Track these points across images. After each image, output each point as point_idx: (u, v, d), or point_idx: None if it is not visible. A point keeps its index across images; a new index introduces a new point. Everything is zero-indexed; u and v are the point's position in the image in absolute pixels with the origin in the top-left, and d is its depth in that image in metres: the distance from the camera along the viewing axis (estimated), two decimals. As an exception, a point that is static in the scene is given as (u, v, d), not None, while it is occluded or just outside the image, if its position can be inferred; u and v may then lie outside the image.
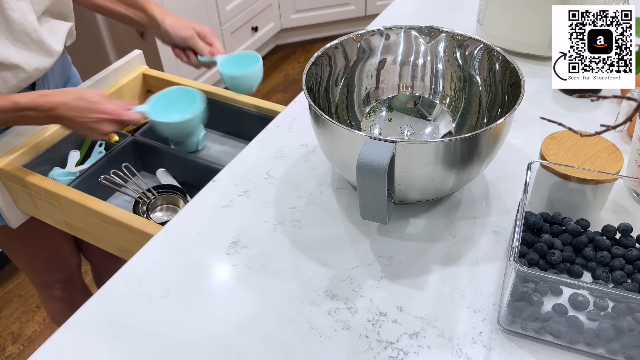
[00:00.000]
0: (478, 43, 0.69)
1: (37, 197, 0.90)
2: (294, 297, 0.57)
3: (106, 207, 0.83)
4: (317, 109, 0.59)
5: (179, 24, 0.92)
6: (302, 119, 0.82)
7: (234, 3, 2.29)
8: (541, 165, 0.60)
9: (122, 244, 0.87)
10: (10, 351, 1.55)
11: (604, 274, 0.55)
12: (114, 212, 0.82)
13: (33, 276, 1.14)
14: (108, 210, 0.82)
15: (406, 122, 0.76)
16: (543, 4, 0.85)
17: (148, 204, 0.92)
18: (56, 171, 0.97)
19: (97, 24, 1.77)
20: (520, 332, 0.52)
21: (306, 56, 2.75)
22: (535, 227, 0.59)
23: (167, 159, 0.99)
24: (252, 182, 0.71)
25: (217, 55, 0.92)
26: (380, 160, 0.51)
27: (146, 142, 0.99)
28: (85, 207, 0.84)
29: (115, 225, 0.82)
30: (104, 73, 1.06)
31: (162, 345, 0.53)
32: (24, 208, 0.96)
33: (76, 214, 0.87)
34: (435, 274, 0.58)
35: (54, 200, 0.88)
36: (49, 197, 0.88)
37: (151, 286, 0.59)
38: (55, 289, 1.16)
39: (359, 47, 0.73)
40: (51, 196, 0.87)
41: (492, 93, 0.69)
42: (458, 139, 0.55)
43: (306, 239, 0.63)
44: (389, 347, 0.52)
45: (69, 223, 0.92)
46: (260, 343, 0.53)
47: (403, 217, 0.65)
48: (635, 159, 0.63)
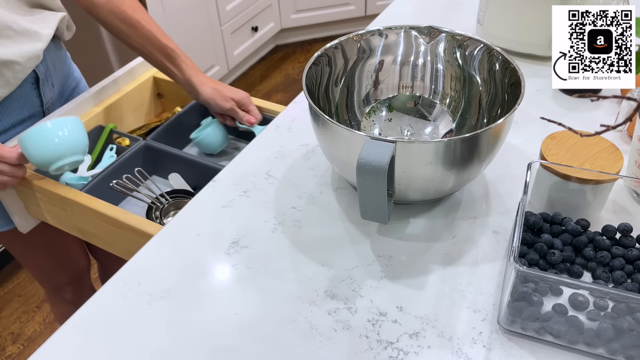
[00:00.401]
0: (478, 43, 0.69)
1: (48, 202, 0.89)
2: (294, 297, 0.57)
3: (120, 212, 0.82)
4: (317, 109, 0.59)
5: (218, 95, 0.95)
6: (302, 119, 0.82)
7: (234, 3, 2.29)
8: (541, 165, 0.60)
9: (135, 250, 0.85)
10: (10, 351, 1.55)
11: (604, 274, 0.55)
12: (127, 218, 0.81)
13: (42, 279, 1.13)
14: (122, 216, 0.81)
15: (406, 122, 0.76)
16: (543, 4, 0.85)
17: (161, 209, 0.91)
18: (68, 176, 0.95)
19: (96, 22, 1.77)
20: (520, 332, 0.52)
21: (306, 56, 2.75)
22: (535, 227, 0.59)
23: (180, 162, 0.98)
24: (252, 182, 0.71)
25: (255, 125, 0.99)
26: (380, 160, 0.51)
27: (158, 146, 0.97)
28: (98, 212, 0.83)
29: (129, 231, 0.81)
30: (114, 76, 1.05)
31: (162, 345, 0.53)
32: (35, 213, 0.95)
33: (88, 219, 0.86)
34: (435, 274, 0.58)
35: (66, 206, 0.87)
36: (60, 202, 0.87)
37: (151, 286, 0.59)
38: (65, 291, 1.15)
39: (359, 47, 0.73)
40: (63, 201, 0.86)
41: (492, 93, 0.69)
42: (458, 139, 0.55)
43: (306, 239, 0.63)
44: (389, 347, 0.52)
45: (80, 228, 0.91)
46: (260, 343, 0.53)
47: (403, 217, 0.65)
48: (635, 159, 0.63)
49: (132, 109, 1.10)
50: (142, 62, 1.10)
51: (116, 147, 1.02)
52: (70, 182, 0.94)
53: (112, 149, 1.01)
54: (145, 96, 1.12)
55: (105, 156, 1.01)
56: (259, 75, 2.65)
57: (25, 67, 0.84)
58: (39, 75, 0.88)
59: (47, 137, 0.80)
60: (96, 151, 1.02)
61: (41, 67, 0.88)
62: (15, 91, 0.85)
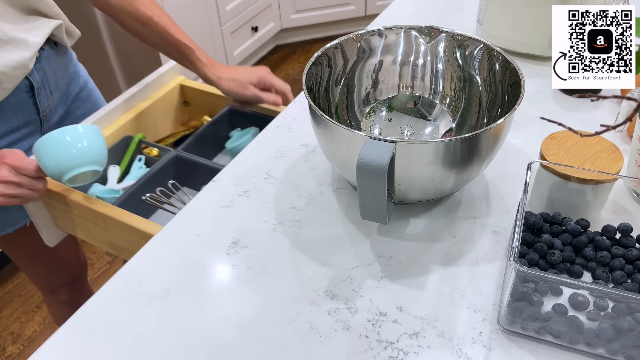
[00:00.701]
0: (478, 43, 0.69)
1: (79, 216, 0.86)
2: (294, 297, 0.57)
3: (156, 228, 0.79)
4: (317, 109, 0.59)
5: (237, 86, 0.94)
6: (302, 119, 0.82)
7: (234, 3, 2.29)
8: (541, 165, 0.60)
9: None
10: (10, 351, 1.55)
11: (604, 274, 0.55)
12: None
13: (38, 281, 1.13)
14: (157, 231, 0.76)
15: (406, 122, 0.76)
16: (543, 4, 0.85)
17: None
18: (97, 188, 0.91)
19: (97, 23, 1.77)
20: (520, 332, 0.52)
21: (306, 56, 2.75)
22: (535, 227, 0.59)
23: (212, 174, 0.94)
24: (252, 182, 0.71)
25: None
26: (380, 160, 0.51)
27: (189, 157, 0.94)
28: (132, 227, 0.80)
29: None
30: (140, 85, 1.03)
31: (162, 345, 0.53)
32: (64, 227, 0.92)
33: (121, 234, 0.83)
34: (435, 274, 0.58)
35: (98, 220, 0.84)
36: (92, 216, 0.84)
37: (151, 286, 0.59)
38: (61, 293, 1.15)
39: (359, 47, 0.73)
40: (95, 215, 0.83)
41: (492, 93, 0.69)
42: (458, 139, 0.55)
43: (306, 239, 0.63)
44: (389, 347, 0.52)
45: (112, 243, 0.88)
46: (260, 343, 0.53)
47: (403, 217, 0.65)
48: (635, 159, 0.63)
49: (160, 117, 1.07)
50: (171, 69, 1.08)
51: (145, 157, 0.98)
52: (101, 196, 0.90)
53: (140, 160, 0.98)
54: (172, 104, 1.09)
55: (134, 167, 0.97)
56: (259, 75, 2.65)
57: (12, 77, 0.80)
58: (34, 84, 0.85)
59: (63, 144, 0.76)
60: (125, 162, 0.98)
61: (36, 75, 0.85)
62: (8, 99, 0.82)
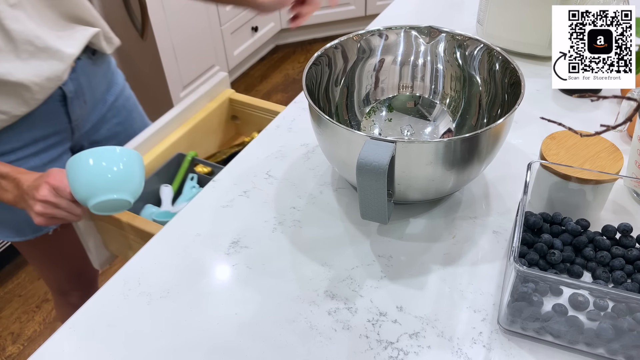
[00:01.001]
0: (478, 43, 0.69)
1: (135, 240, 0.83)
2: (294, 297, 0.57)
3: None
4: (317, 109, 0.59)
5: None
6: (302, 119, 0.82)
7: (234, 3, 2.28)
8: (541, 165, 0.60)
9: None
10: (10, 351, 1.55)
11: (604, 274, 0.55)
12: None
13: (51, 283, 1.12)
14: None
15: (406, 122, 0.76)
16: (543, 4, 0.85)
17: None
18: (150, 209, 0.88)
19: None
20: (520, 332, 0.52)
21: (306, 56, 2.75)
22: (535, 227, 0.59)
23: None
24: (252, 182, 0.71)
25: None
26: (380, 160, 0.51)
27: None
28: None
29: None
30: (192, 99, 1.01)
31: (162, 345, 0.53)
32: (115, 250, 0.90)
33: None
34: (435, 274, 0.58)
35: None
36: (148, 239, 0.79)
37: (151, 286, 0.59)
38: (72, 296, 1.14)
39: (359, 47, 0.73)
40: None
41: (492, 93, 0.69)
42: (458, 139, 0.55)
43: (306, 239, 0.63)
44: (389, 347, 0.52)
45: None
46: (260, 343, 0.53)
47: (403, 217, 0.65)
48: (635, 159, 0.63)
49: (210, 132, 1.05)
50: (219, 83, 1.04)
51: (197, 176, 0.95)
52: (158, 219, 0.87)
53: (192, 179, 0.95)
54: (221, 119, 1.07)
55: (187, 186, 0.94)
56: (259, 75, 2.65)
57: (45, 88, 0.78)
58: (67, 94, 0.83)
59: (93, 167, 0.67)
60: (177, 181, 0.95)
61: (70, 85, 0.83)
62: (40, 108, 0.80)
